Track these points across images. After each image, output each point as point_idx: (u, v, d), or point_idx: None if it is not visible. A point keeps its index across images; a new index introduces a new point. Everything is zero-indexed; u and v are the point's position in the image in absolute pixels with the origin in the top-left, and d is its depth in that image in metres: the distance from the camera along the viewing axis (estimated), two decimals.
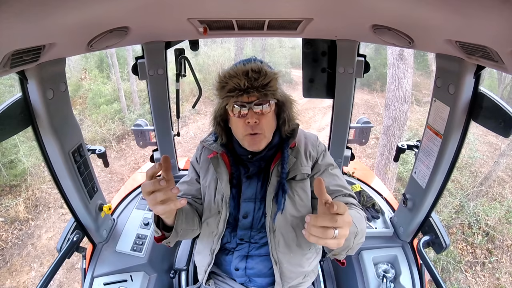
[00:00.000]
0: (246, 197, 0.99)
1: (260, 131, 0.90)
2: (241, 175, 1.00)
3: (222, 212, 1.00)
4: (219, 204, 1.00)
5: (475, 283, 4.56)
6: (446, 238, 1.23)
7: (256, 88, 0.85)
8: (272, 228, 0.97)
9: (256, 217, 1.00)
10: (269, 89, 0.86)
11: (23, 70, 0.88)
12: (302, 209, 0.98)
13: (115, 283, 1.26)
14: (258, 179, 0.99)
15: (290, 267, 1.01)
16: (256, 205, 0.99)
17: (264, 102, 0.88)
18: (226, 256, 1.08)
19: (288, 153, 0.98)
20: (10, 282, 4.13)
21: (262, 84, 0.85)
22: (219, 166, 1.00)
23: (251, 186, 0.99)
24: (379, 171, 5.25)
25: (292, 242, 0.99)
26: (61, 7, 0.55)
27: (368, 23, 0.88)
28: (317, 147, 1.05)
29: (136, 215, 1.56)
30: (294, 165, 0.98)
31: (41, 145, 1.03)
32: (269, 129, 0.93)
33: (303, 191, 0.99)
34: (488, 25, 0.55)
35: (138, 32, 1.01)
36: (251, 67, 0.86)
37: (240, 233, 1.02)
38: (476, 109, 0.97)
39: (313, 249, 1.08)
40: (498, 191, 5.97)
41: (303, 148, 1.02)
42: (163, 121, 1.63)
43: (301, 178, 0.99)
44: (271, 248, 0.98)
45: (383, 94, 7.25)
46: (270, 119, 0.92)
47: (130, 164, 6.71)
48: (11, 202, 5.17)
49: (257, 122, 0.88)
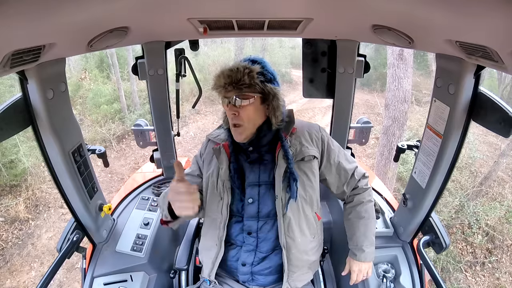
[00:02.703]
0: (249, 182, 1.05)
1: (240, 122, 0.98)
2: (243, 161, 1.07)
3: (224, 198, 1.05)
4: (221, 191, 1.05)
5: (475, 283, 4.56)
6: (446, 238, 1.23)
7: (232, 84, 0.94)
8: (282, 211, 1.02)
9: (261, 202, 1.04)
10: (243, 84, 0.94)
11: (23, 70, 0.88)
12: (309, 189, 1.06)
13: (115, 283, 1.26)
14: (260, 164, 1.05)
15: (298, 253, 1.06)
16: (261, 189, 1.04)
17: (240, 96, 0.95)
18: (233, 251, 1.10)
19: (287, 140, 1.05)
20: (10, 282, 4.13)
21: (236, 79, 0.94)
22: (220, 155, 1.07)
23: (253, 171, 1.05)
24: (379, 171, 5.25)
25: (301, 224, 1.05)
26: (61, 7, 0.55)
27: (368, 23, 0.88)
28: (321, 133, 1.12)
29: (136, 215, 1.56)
30: (299, 147, 1.05)
31: (41, 145, 1.03)
32: (249, 121, 0.99)
33: (311, 172, 1.06)
34: (488, 25, 0.56)
35: (138, 32, 1.01)
36: (231, 67, 0.95)
37: (248, 224, 1.05)
38: (476, 109, 0.97)
39: (317, 238, 1.14)
40: (498, 191, 5.97)
41: (306, 133, 1.09)
42: (163, 121, 1.63)
43: (308, 159, 1.05)
44: (280, 232, 1.03)
45: (383, 94, 7.25)
46: (250, 111, 0.98)
47: (130, 164, 6.71)
48: (11, 202, 5.17)
49: (236, 114, 0.97)
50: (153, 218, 1.53)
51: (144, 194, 1.70)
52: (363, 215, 1.12)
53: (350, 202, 1.16)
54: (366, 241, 1.11)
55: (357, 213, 1.13)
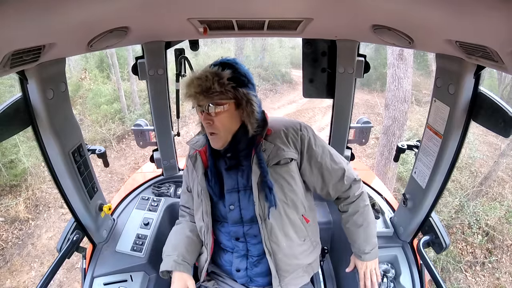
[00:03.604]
0: (228, 188, 1.03)
1: (215, 131, 0.96)
2: (221, 167, 1.05)
3: (202, 205, 1.05)
4: (200, 198, 1.06)
5: (475, 283, 4.56)
6: (446, 238, 1.23)
7: (203, 93, 0.90)
8: (263, 216, 1.00)
9: (243, 207, 1.02)
10: (213, 92, 0.90)
11: (23, 70, 0.88)
12: (290, 193, 1.02)
13: (115, 283, 1.26)
14: (238, 170, 1.03)
15: (285, 258, 1.03)
16: (241, 194, 1.02)
17: (213, 103, 0.91)
18: (226, 256, 1.09)
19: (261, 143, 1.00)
20: (10, 282, 4.14)
21: (206, 88, 0.90)
22: (196, 162, 1.06)
23: (231, 177, 1.03)
24: (379, 171, 5.25)
25: (284, 228, 1.02)
26: (61, 7, 0.55)
27: (368, 23, 0.88)
28: (301, 132, 1.04)
29: (136, 215, 1.56)
30: (274, 151, 1.00)
31: (41, 145, 1.03)
32: (224, 129, 0.96)
33: (289, 175, 1.01)
34: (488, 25, 0.56)
35: (138, 32, 1.01)
36: (198, 74, 0.91)
37: (233, 230, 1.04)
38: (476, 109, 0.97)
39: (308, 241, 1.10)
40: (498, 191, 5.97)
41: (282, 133, 1.03)
42: (163, 121, 1.63)
43: (285, 162, 1.01)
44: (264, 238, 1.01)
45: (383, 94, 7.25)
46: (225, 118, 0.95)
47: (130, 164, 6.71)
48: (11, 202, 5.17)
49: (210, 123, 0.94)
50: (153, 218, 1.53)
51: (144, 194, 1.70)
52: (361, 223, 1.09)
53: (345, 212, 1.12)
54: (368, 246, 1.10)
55: (354, 222, 1.10)
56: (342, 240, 1.58)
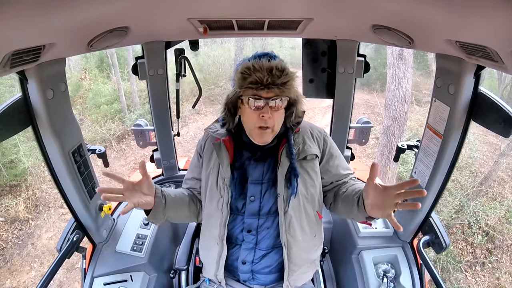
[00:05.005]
0: (252, 179, 1.03)
1: (271, 125, 0.95)
2: (246, 158, 1.05)
3: (224, 196, 1.03)
4: (221, 188, 1.04)
5: (475, 283, 4.56)
6: (446, 238, 1.23)
7: (277, 85, 0.90)
8: (284, 209, 1.01)
9: (264, 200, 1.03)
10: (288, 87, 0.92)
11: (23, 70, 0.88)
12: (311, 188, 1.05)
13: (115, 283, 1.26)
14: (265, 162, 1.04)
15: (299, 251, 1.05)
16: (263, 187, 1.03)
17: (281, 97, 0.92)
18: (233, 249, 1.09)
19: (293, 137, 1.05)
20: (10, 282, 4.14)
21: (282, 82, 0.90)
22: (220, 152, 1.04)
23: (257, 168, 1.03)
24: (379, 171, 5.24)
25: (302, 222, 1.04)
26: (61, 7, 0.55)
27: (368, 23, 0.88)
28: (323, 134, 1.13)
29: (136, 215, 1.55)
30: (302, 146, 1.05)
31: (41, 145, 1.03)
32: (279, 124, 0.99)
33: (313, 170, 1.05)
34: (488, 25, 0.56)
35: (138, 32, 1.01)
36: (275, 65, 0.90)
37: (248, 221, 1.04)
38: (476, 109, 0.97)
39: (317, 236, 1.12)
40: (498, 191, 5.97)
41: (308, 132, 1.09)
42: (163, 121, 1.63)
43: (311, 158, 1.05)
44: (282, 230, 1.02)
45: (383, 94, 7.25)
46: (282, 114, 0.98)
47: (130, 164, 6.71)
48: (11, 202, 5.17)
49: (270, 117, 0.93)
50: None
51: None
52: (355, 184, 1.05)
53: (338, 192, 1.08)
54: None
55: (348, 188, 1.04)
56: (342, 240, 1.59)
